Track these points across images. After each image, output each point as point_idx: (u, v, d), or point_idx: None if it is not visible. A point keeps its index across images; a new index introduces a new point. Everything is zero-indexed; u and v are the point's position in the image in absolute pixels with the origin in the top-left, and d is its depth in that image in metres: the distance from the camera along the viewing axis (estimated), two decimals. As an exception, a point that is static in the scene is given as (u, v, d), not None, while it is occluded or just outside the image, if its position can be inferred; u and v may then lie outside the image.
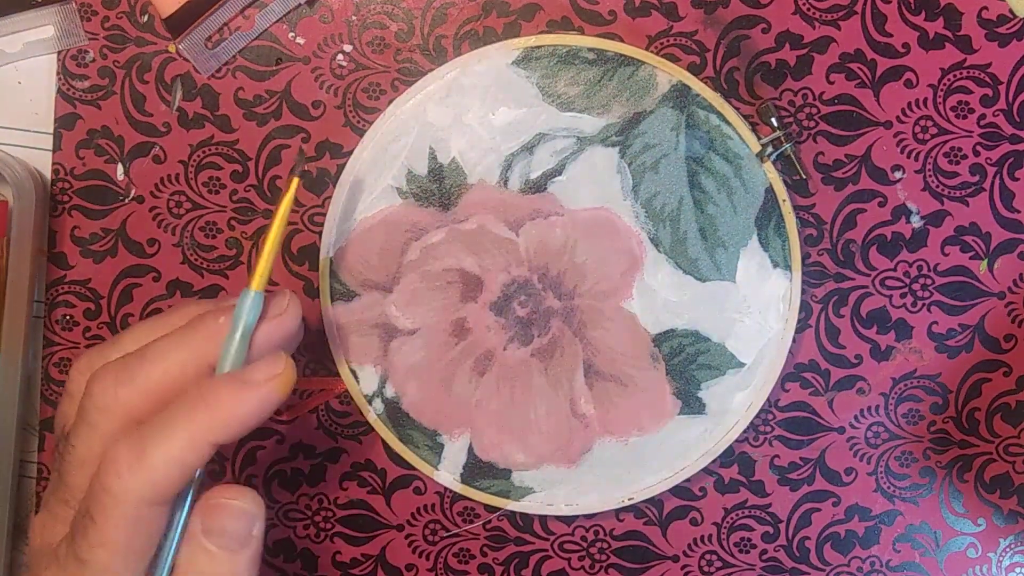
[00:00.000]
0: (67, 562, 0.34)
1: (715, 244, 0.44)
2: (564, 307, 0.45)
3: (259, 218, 0.45)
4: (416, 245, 0.45)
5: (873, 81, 0.44)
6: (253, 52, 0.45)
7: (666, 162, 0.44)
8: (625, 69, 0.43)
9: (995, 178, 0.45)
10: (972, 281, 0.45)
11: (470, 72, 0.43)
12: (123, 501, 0.33)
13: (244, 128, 0.45)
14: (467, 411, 0.45)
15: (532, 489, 0.46)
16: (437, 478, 0.45)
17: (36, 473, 0.47)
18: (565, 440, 0.45)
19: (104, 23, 0.44)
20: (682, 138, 0.44)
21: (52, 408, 0.46)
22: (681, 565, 0.47)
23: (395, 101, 0.44)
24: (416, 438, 0.45)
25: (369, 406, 0.45)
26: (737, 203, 0.44)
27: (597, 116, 0.44)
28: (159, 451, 0.33)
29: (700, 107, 0.44)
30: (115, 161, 0.45)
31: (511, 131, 0.44)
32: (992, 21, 0.44)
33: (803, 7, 0.44)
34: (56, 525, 0.36)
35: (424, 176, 0.44)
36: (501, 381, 0.45)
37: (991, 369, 0.46)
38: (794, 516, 0.47)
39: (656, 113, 0.44)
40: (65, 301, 0.46)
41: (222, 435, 0.34)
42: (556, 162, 0.44)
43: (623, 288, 0.45)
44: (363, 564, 0.47)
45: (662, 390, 0.45)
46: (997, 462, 0.46)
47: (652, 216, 0.44)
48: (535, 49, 0.43)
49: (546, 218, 0.44)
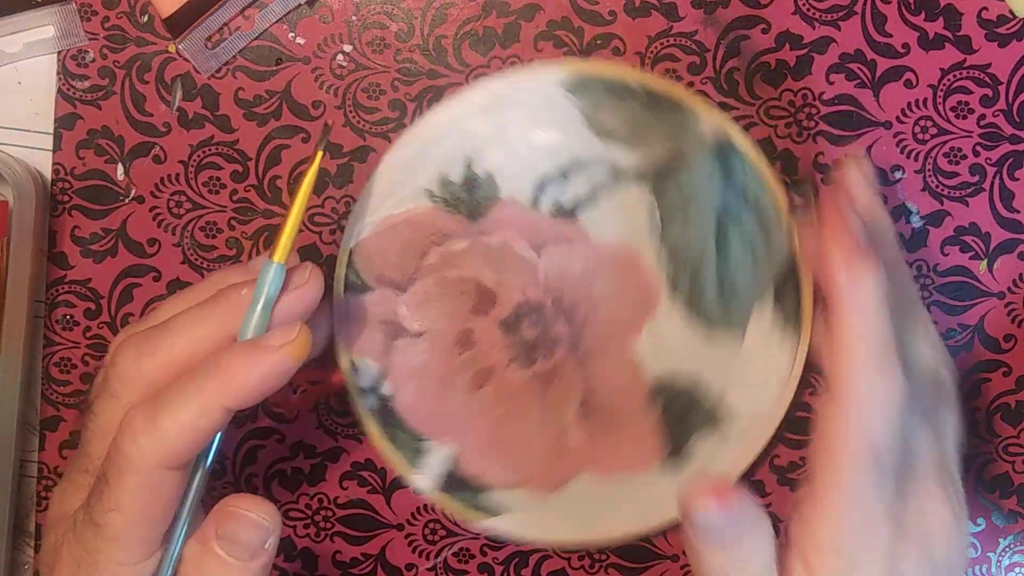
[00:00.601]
0: (83, 527, 0.35)
1: (730, 297, 0.44)
2: (572, 336, 0.44)
3: (259, 218, 0.45)
4: (438, 250, 0.44)
5: (873, 81, 0.44)
6: (253, 52, 0.45)
7: (697, 209, 0.43)
8: (672, 111, 0.43)
9: (995, 178, 0.45)
10: (972, 281, 0.45)
11: (518, 87, 0.43)
12: (137, 464, 0.34)
13: (244, 128, 0.45)
14: (458, 422, 0.45)
15: (508, 510, 0.45)
16: (414, 484, 0.45)
17: (36, 473, 0.47)
18: (549, 466, 0.45)
19: (104, 23, 0.45)
20: (717, 188, 0.43)
21: (52, 408, 0.46)
22: (681, 565, 0.47)
23: (440, 105, 0.43)
24: (401, 439, 0.45)
25: (362, 399, 0.45)
26: (759, 260, 0.43)
27: (636, 152, 0.43)
28: (172, 416, 0.34)
29: (740, 161, 0.42)
30: (115, 161, 0.45)
31: (549, 153, 0.43)
32: (992, 21, 0.44)
33: (803, 7, 0.44)
34: (75, 494, 0.37)
35: (457, 184, 0.44)
36: (497, 398, 0.45)
37: (991, 369, 0.46)
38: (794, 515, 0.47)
39: (695, 159, 0.43)
40: (65, 301, 0.46)
41: (234, 399, 0.34)
42: (589, 191, 0.43)
43: (634, 327, 0.44)
44: (363, 564, 0.47)
45: (652, 435, 0.44)
46: (997, 462, 0.46)
47: (674, 260, 0.44)
48: (586, 75, 0.43)
49: (570, 245, 0.44)
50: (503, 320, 0.44)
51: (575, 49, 0.44)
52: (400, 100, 0.45)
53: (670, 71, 0.44)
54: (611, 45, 0.44)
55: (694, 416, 0.44)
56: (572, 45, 0.44)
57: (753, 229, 0.43)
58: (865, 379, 0.35)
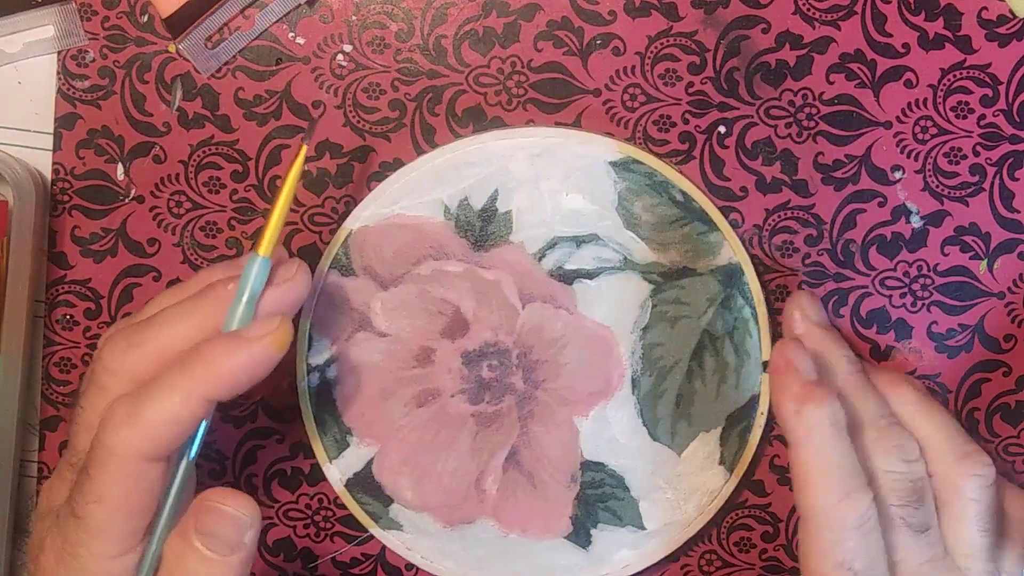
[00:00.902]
0: (66, 520, 0.35)
1: (681, 417, 0.45)
2: (525, 391, 0.45)
3: (259, 218, 0.45)
4: (432, 264, 0.44)
5: (873, 81, 0.44)
6: (253, 52, 0.45)
7: (685, 323, 0.44)
8: (701, 226, 0.44)
9: (995, 178, 0.45)
10: (972, 281, 0.45)
11: (570, 149, 0.44)
12: (118, 455, 0.34)
13: (244, 128, 0.45)
14: (387, 430, 0.45)
15: (401, 527, 0.45)
16: (326, 471, 0.45)
17: (36, 472, 0.47)
18: (457, 502, 0.45)
19: (104, 23, 0.45)
20: (711, 311, 0.44)
21: (52, 408, 0.46)
22: (680, 564, 0.47)
23: (494, 133, 0.44)
24: (328, 425, 0.45)
25: (305, 376, 0.45)
26: (722, 394, 0.45)
27: (652, 250, 0.44)
28: (154, 406, 0.34)
29: (741, 294, 0.44)
30: (115, 161, 0.45)
31: (572, 218, 0.44)
32: (992, 21, 0.44)
33: (803, 7, 0.44)
34: (62, 488, 0.37)
35: (476, 210, 0.44)
36: (432, 421, 0.45)
37: (991, 369, 0.46)
38: (794, 515, 0.47)
39: (702, 278, 0.44)
40: (65, 301, 0.46)
41: (214, 390, 0.34)
42: (594, 267, 0.44)
43: (584, 406, 0.45)
44: (363, 564, 0.47)
45: (564, 509, 0.45)
46: (997, 462, 0.46)
47: (646, 360, 0.45)
48: (637, 162, 0.44)
49: (556, 308, 0.44)
50: (467, 352, 0.45)
51: (575, 49, 0.44)
52: (400, 100, 0.45)
53: (670, 71, 0.44)
54: (611, 45, 0.44)
55: (609, 507, 0.45)
56: (572, 45, 0.44)
57: (729, 362, 0.45)
58: (826, 504, 0.38)
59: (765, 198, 0.45)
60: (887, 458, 0.40)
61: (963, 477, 0.40)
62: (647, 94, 0.45)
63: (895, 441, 0.40)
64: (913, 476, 0.40)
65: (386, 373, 0.45)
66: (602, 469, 0.45)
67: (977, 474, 0.41)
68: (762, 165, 0.45)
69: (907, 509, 0.40)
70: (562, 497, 0.45)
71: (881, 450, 0.40)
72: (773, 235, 0.45)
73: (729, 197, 0.45)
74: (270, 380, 0.37)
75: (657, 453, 0.45)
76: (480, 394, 0.45)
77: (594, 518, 0.45)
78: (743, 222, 0.45)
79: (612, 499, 0.45)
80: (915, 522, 0.40)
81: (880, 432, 0.41)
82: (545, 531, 0.45)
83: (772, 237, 0.45)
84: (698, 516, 0.45)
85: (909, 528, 0.39)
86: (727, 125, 0.45)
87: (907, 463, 0.40)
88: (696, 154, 0.45)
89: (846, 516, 0.38)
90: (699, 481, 0.45)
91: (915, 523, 0.40)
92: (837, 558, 0.38)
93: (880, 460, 0.40)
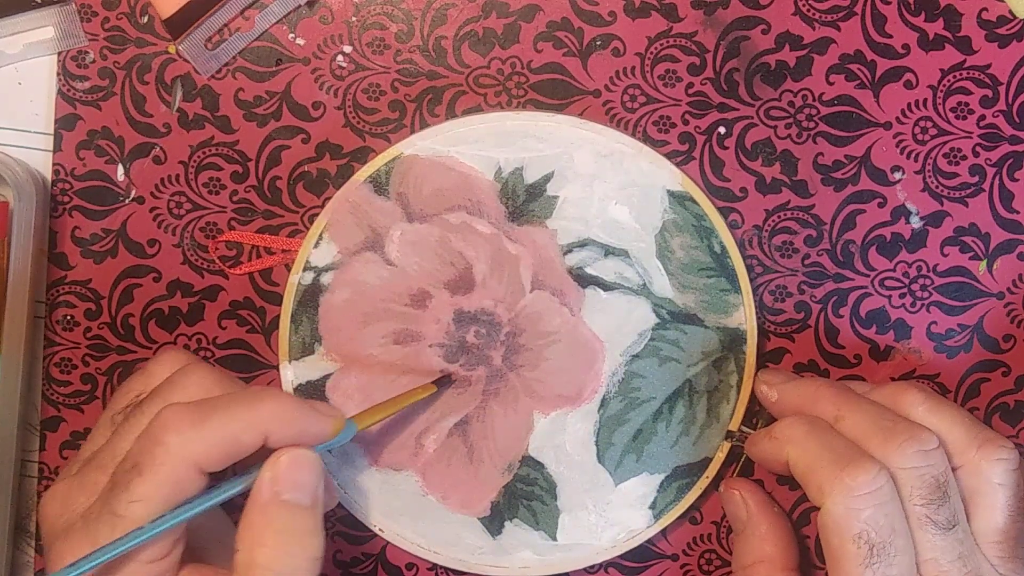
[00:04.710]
0: (98, 521, 0.34)
1: (633, 451, 0.45)
2: (499, 369, 0.45)
3: (259, 218, 0.45)
4: (464, 216, 0.44)
5: (873, 82, 0.44)
6: (253, 53, 0.45)
7: (673, 367, 0.45)
8: (725, 283, 0.44)
9: (995, 179, 0.45)
10: (971, 282, 0.45)
11: (637, 163, 0.44)
12: (175, 456, 0.34)
13: (244, 129, 0.45)
14: (354, 351, 0.45)
15: (331, 450, 0.45)
16: (281, 368, 0.45)
17: (37, 473, 0.47)
18: (391, 447, 0.45)
19: (104, 24, 0.45)
20: (701, 365, 0.45)
21: (53, 408, 0.46)
22: (680, 564, 0.47)
23: (572, 119, 0.44)
24: (304, 326, 0.45)
25: (300, 271, 0.45)
26: (680, 446, 0.45)
27: (672, 287, 0.44)
28: (219, 420, 0.35)
29: (736, 360, 0.44)
30: (115, 162, 0.45)
31: (612, 228, 0.44)
32: (992, 22, 0.44)
33: (803, 8, 0.44)
34: (82, 494, 0.36)
35: (525, 183, 0.44)
36: (401, 362, 0.45)
37: (990, 369, 0.46)
38: (793, 515, 0.47)
39: (707, 331, 0.44)
40: (66, 301, 0.46)
41: (275, 428, 0.36)
42: (612, 281, 0.44)
43: (548, 404, 0.45)
44: (363, 563, 0.47)
45: (489, 493, 0.45)
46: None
47: (623, 387, 0.45)
48: (693, 201, 0.44)
49: (560, 304, 0.45)
50: (461, 311, 0.45)
51: (575, 50, 0.44)
52: (400, 101, 0.45)
53: (670, 71, 0.44)
54: (611, 46, 0.44)
55: (531, 508, 0.45)
56: (572, 46, 0.44)
57: (698, 419, 0.45)
58: (831, 477, 0.38)
59: (765, 199, 0.45)
60: (900, 454, 0.39)
61: (987, 462, 0.40)
62: (647, 95, 0.45)
63: (905, 435, 0.39)
64: (934, 471, 0.39)
65: (377, 300, 0.45)
66: (540, 469, 0.45)
67: (1001, 458, 0.40)
68: (762, 166, 0.45)
69: (931, 507, 0.38)
70: (492, 481, 0.45)
71: (892, 448, 0.39)
72: (773, 235, 0.45)
73: (729, 198, 0.45)
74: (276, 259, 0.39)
75: (597, 475, 0.45)
76: (457, 355, 0.45)
77: (513, 511, 0.45)
78: (743, 223, 0.45)
79: (537, 501, 0.45)
80: (941, 519, 0.38)
81: (886, 433, 0.39)
82: (463, 506, 0.45)
83: (772, 237, 0.45)
84: (610, 548, 0.45)
85: (936, 526, 0.38)
86: (727, 126, 0.45)
87: (924, 454, 0.39)
88: (696, 155, 0.45)
89: (854, 481, 0.37)
90: (624, 516, 0.45)
91: (941, 520, 0.38)
92: (854, 530, 0.37)
93: (894, 459, 0.39)
